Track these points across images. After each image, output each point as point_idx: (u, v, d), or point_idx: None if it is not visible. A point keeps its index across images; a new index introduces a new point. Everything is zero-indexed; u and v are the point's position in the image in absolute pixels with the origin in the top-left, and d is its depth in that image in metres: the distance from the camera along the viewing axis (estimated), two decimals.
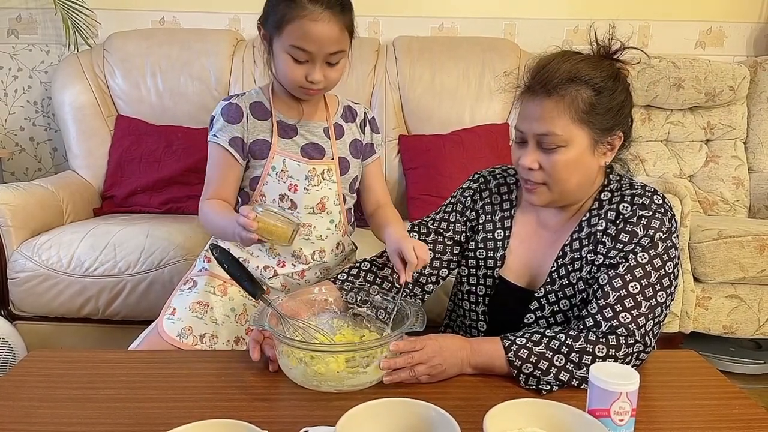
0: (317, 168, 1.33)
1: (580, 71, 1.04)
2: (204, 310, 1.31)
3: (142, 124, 2.46)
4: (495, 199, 1.26)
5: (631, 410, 0.80)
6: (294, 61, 1.20)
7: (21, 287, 1.94)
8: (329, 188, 1.35)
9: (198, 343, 1.27)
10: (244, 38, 2.67)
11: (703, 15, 2.82)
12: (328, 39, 1.18)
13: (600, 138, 1.06)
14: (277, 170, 1.32)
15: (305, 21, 1.16)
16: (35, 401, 0.94)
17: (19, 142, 2.82)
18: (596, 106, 1.04)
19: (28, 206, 2.03)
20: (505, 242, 1.21)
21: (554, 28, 2.79)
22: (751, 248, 1.97)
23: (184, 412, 0.90)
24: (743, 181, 2.59)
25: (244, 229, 1.07)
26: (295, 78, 1.22)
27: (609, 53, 1.09)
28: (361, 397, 0.85)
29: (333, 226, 1.37)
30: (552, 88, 1.03)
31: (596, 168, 1.10)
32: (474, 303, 1.24)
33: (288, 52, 1.19)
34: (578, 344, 0.99)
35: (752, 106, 2.65)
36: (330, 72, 1.23)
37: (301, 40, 1.17)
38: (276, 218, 1.10)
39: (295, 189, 1.32)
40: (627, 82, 1.10)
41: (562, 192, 1.10)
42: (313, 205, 1.34)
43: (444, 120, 2.49)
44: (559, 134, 1.04)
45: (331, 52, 1.20)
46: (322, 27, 1.16)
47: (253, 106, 1.32)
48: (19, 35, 2.72)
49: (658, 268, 1.03)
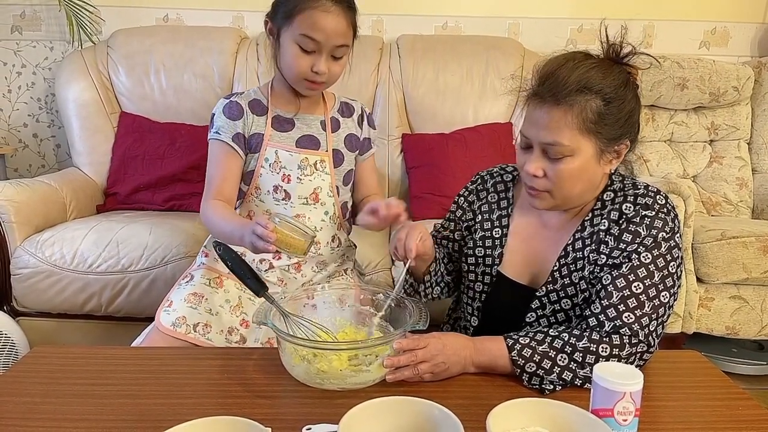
0: (310, 158, 1.36)
1: (590, 80, 1.01)
2: (198, 300, 1.33)
3: (145, 122, 2.46)
4: (492, 197, 1.26)
5: (635, 410, 0.80)
6: (301, 51, 1.26)
7: (24, 283, 1.94)
8: (322, 179, 1.38)
9: (191, 332, 1.28)
10: (248, 36, 2.67)
11: (708, 15, 2.81)
12: (335, 31, 1.24)
13: (606, 147, 1.05)
14: (270, 161, 1.35)
15: (316, 11, 1.22)
16: (38, 397, 0.94)
17: (22, 139, 2.82)
18: (605, 117, 1.02)
19: (31, 202, 2.03)
20: (503, 240, 1.21)
21: (559, 28, 2.79)
22: (755, 249, 1.97)
23: (187, 408, 0.90)
24: (747, 182, 2.58)
25: (260, 239, 1.08)
26: (300, 68, 1.27)
27: (619, 56, 1.07)
28: (363, 395, 0.85)
29: (327, 218, 1.39)
30: (561, 97, 1.01)
31: (601, 175, 1.09)
32: (471, 298, 1.24)
33: (296, 41, 1.25)
34: (582, 344, 0.99)
35: (756, 107, 2.64)
36: (333, 66, 1.29)
37: (311, 30, 1.23)
38: (292, 229, 1.11)
39: (288, 179, 1.35)
40: (636, 86, 1.08)
41: (565, 199, 1.09)
42: (307, 195, 1.36)
43: (447, 119, 2.48)
44: (566, 144, 1.02)
45: (337, 44, 1.26)
46: (332, 19, 1.23)
47: (251, 103, 1.37)
48: (23, 32, 2.73)
49: (661, 268, 1.02)
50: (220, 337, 1.31)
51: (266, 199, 1.38)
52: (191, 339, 1.27)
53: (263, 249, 1.09)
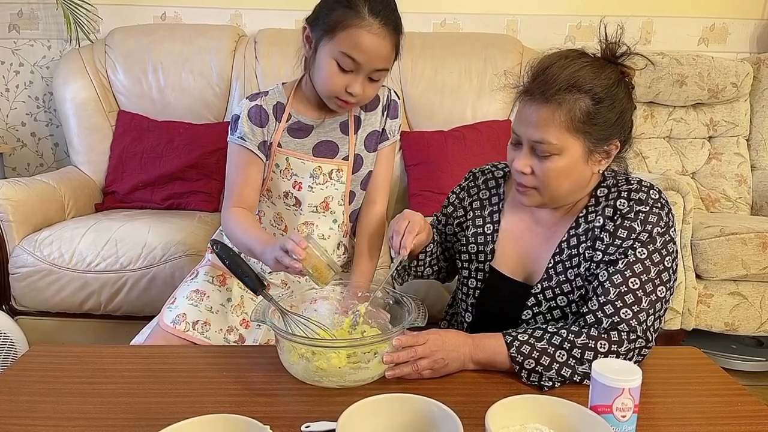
0: (324, 167, 1.32)
1: (580, 79, 1.01)
2: (200, 297, 1.32)
3: (143, 120, 2.46)
4: (484, 194, 1.26)
5: (634, 406, 0.80)
6: (339, 68, 1.18)
7: (22, 282, 1.94)
8: (335, 188, 1.34)
9: (190, 329, 1.28)
10: (246, 34, 2.66)
11: (707, 11, 2.81)
12: (378, 54, 1.17)
13: (595, 147, 1.04)
14: (281, 167, 1.32)
15: (362, 31, 1.14)
16: (36, 396, 0.94)
17: (20, 138, 2.82)
18: (594, 117, 1.01)
19: (29, 201, 2.03)
20: (495, 236, 1.21)
21: (557, 25, 2.78)
22: (754, 245, 1.97)
23: (186, 407, 0.90)
24: (746, 179, 2.58)
25: (286, 254, 1.04)
26: (334, 86, 1.20)
27: (614, 56, 1.06)
28: (362, 393, 0.85)
29: (336, 226, 1.37)
30: (550, 95, 1.01)
31: (589, 175, 1.08)
32: (465, 294, 1.25)
33: (335, 58, 1.18)
34: (580, 340, 0.99)
35: (755, 103, 2.64)
36: (368, 87, 1.23)
37: (353, 49, 1.16)
38: (322, 254, 1.06)
39: (300, 187, 1.32)
40: (631, 86, 1.07)
41: (552, 197, 1.09)
42: (317, 204, 1.34)
43: (446, 116, 2.48)
44: (554, 143, 1.02)
45: (377, 68, 1.19)
46: (376, 41, 1.16)
47: (276, 107, 1.31)
48: (21, 30, 2.72)
49: (657, 263, 1.02)
50: (218, 336, 1.30)
51: (278, 202, 1.36)
52: (189, 337, 1.27)
53: (288, 265, 1.04)
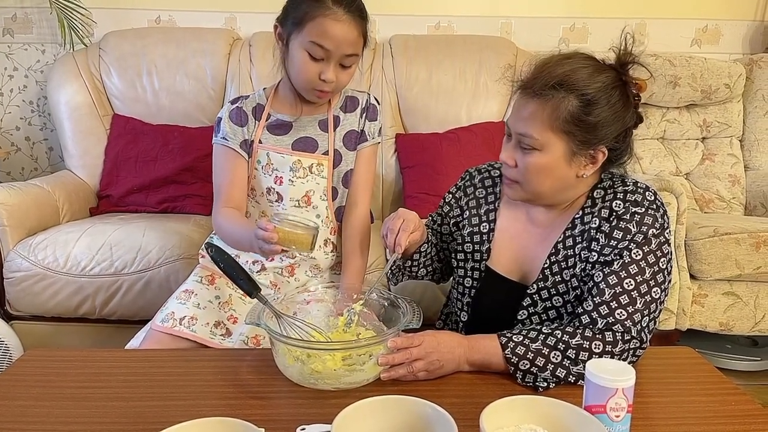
0: (303, 161, 1.36)
1: (571, 79, 1.01)
2: (188, 296, 1.35)
3: (138, 124, 2.46)
4: (480, 193, 1.26)
5: (627, 406, 0.80)
6: (310, 58, 1.24)
7: (17, 287, 1.93)
8: (316, 183, 1.37)
9: (177, 325, 1.29)
10: (241, 37, 2.66)
11: (700, 13, 2.82)
12: (345, 40, 1.23)
13: (579, 150, 1.04)
14: (262, 164, 1.36)
15: (327, 20, 1.21)
16: (31, 400, 0.94)
17: (14, 142, 2.81)
18: (579, 118, 1.01)
19: (24, 206, 2.02)
20: (491, 235, 1.21)
21: (551, 27, 2.79)
22: (748, 245, 1.97)
23: (181, 410, 0.90)
24: (739, 179, 2.59)
25: (265, 242, 1.08)
26: (308, 75, 1.25)
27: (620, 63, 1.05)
28: (357, 395, 0.85)
29: (320, 221, 1.39)
30: (539, 90, 1.02)
31: (572, 177, 1.07)
32: (461, 293, 1.25)
33: (306, 48, 1.23)
34: (575, 341, 0.99)
35: (748, 104, 2.66)
36: (341, 74, 1.28)
37: (321, 37, 1.21)
38: (293, 226, 1.10)
39: (281, 181, 1.36)
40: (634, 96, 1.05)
41: (535, 193, 1.09)
42: (299, 198, 1.37)
43: (441, 118, 2.48)
44: (536, 137, 1.03)
45: (346, 53, 1.25)
46: (342, 27, 1.21)
47: (255, 108, 1.37)
48: (15, 34, 2.71)
49: (652, 264, 1.03)
50: (205, 329, 1.31)
51: (261, 200, 1.39)
52: (176, 332, 1.28)
53: (269, 251, 1.10)
